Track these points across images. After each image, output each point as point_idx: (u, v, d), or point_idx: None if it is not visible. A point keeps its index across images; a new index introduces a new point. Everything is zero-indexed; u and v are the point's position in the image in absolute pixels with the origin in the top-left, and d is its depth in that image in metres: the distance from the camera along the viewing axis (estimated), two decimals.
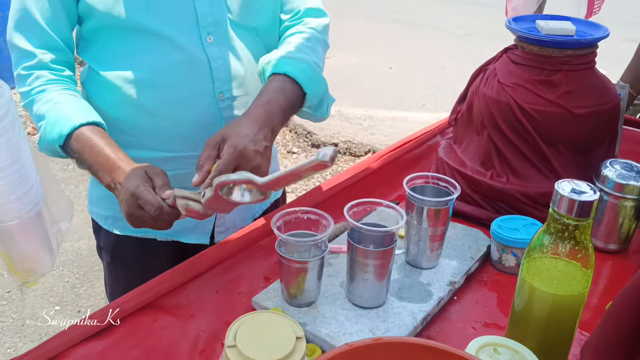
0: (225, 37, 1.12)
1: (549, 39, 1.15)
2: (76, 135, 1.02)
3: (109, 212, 1.24)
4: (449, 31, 7.12)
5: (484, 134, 1.24)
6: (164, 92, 1.09)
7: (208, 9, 1.09)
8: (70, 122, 1.02)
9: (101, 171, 1.00)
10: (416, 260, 1.04)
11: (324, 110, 1.18)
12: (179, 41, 1.07)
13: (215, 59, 1.10)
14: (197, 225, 1.23)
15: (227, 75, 1.12)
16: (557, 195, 0.72)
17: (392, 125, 4.30)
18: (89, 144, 1.01)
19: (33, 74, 1.07)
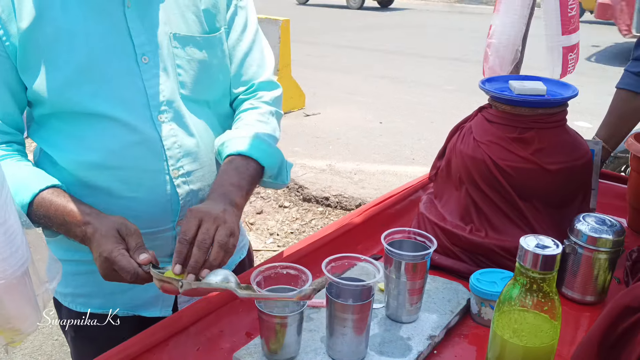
0: (177, 114, 1.13)
1: (520, 98, 1.20)
2: (38, 201, 1.01)
3: (68, 290, 1.22)
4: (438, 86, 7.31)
5: (462, 189, 1.28)
6: (118, 173, 1.09)
7: (157, 89, 1.10)
8: (30, 190, 1.02)
9: (72, 229, 1.00)
10: (396, 314, 1.05)
11: (284, 177, 1.22)
12: (130, 123, 1.08)
13: (167, 137, 1.11)
14: (158, 298, 1.22)
15: (180, 151, 1.13)
16: (522, 250, 0.75)
17: (382, 179, 4.36)
18: (53, 205, 1.01)
19: None
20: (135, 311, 1.22)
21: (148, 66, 1.09)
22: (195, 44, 1.14)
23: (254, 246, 3.50)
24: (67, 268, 1.16)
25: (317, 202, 4.07)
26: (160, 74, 1.10)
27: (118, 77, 1.07)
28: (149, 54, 1.09)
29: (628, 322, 0.58)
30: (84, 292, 1.21)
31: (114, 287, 1.14)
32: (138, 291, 1.19)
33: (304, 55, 8.66)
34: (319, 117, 6.06)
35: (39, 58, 1.04)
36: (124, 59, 1.08)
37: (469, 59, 8.58)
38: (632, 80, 1.69)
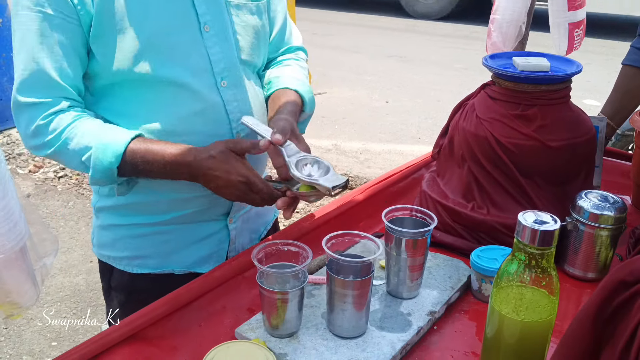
0: (236, 79, 1.19)
1: (523, 75, 1.19)
2: (131, 150, 1.06)
3: (126, 253, 1.26)
4: (446, 65, 7.24)
5: (464, 167, 1.28)
6: (185, 139, 1.12)
7: (219, 56, 1.16)
8: (121, 141, 1.06)
9: (175, 167, 1.07)
10: (397, 290, 1.06)
11: (304, 127, 1.35)
12: (197, 90, 1.13)
13: (230, 102, 1.18)
14: (213, 254, 1.29)
15: (241, 115, 1.19)
16: (520, 226, 0.75)
17: (388, 158, 4.36)
18: (149, 151, 1.07)
19: (56, 117, 1.07)
20: (191, 268, 1.28)
21: (209, 34, 1.15)
22: (248, 10, 1.22)
23: None
24: (125, 232, 1.25)
25: None
26: (220, 41, 1.16)
27: (184, 45, 1.12)
28: (210, 22, 1.15)
29: (623, 296, 0.59)
30: (141, 254, 1.26)
31: (172, 248, 1.25)
32: (195, 249, 1.26)
33: (311, 35, 8.59)
34: (325, 96, 6.03)
35: (112, 26, 1.07)
36: (189, 28, 1.13)
37: (477, 36, 8.49)
38: (638, 57, 1.67)
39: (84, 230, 3.44)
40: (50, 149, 1.09)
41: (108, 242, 1.28)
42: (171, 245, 1.24)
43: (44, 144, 1.09)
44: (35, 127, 1.07)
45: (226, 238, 1.30)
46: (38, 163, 4.23)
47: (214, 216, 1.25)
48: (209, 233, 1.27)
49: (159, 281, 1.26)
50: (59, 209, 3.67)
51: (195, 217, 1.22)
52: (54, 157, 1.11)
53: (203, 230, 1.26)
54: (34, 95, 1.07)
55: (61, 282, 2.95)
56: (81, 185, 3.98)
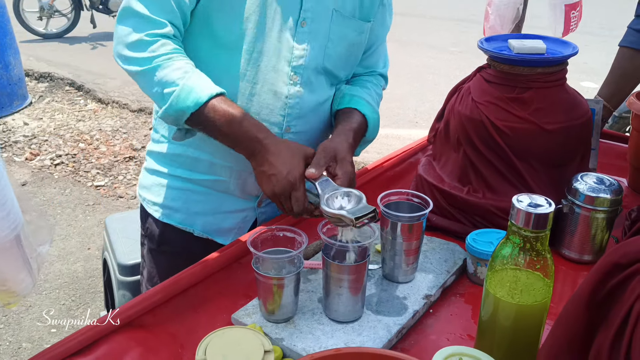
0: (309, 79, 1.21)
1: (518, 57, 1.18)
2: (211, 104, 1.08)
3: (159, 199, 1.31)
4: (443, 48, 7.21)
5: (460, 150, 1.27)
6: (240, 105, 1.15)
7: (304, 52, 1.19)
8: (206, 91, 1.08)
9: (242, 143, 1.09)
10: (392, 274, 1.06)
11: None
12: (269, 71, 1.17)
13: (292, 97, 1.20)
14: (234, 229, 1.32)
15: (299, 112, 1.22)
16: (514, 209, 0.75)
17: (385, 142, 4.35)
18: (227, 114, 1.08)
19: (159, 41, 1.09)
20: (210, 234, 1.31)
21: (304, 30, 1.18)
22: (351, 25, 1.24)
23: None
24: (162, 179, 1.30)
25: None
26: (310, 40, 1.19)
27: (277, 29, 1.16)
28: (309, 20, 1.18)
29: (616, 279, 0.59)
30: (171, 205, 1.30)
31: (198, 209, 1.29)
32: (219, 218, 1.30)
33: None
34: None
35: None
36: (288, 17, 1.16)
37: (475, 19, 8.43)
38: (635, 38, 1.66)
39: (81, 217, 3.44)
40: (136, 66, 1.10)
41: (147, 185, 1.34)
42: (198, 206, 1.28)
43: (135, 59, 1.10)
44: (138, 39, 1.09)
45: (252, 219, 1.33)
46: (34, 151, 4.22)
47: (244, 194, 1.28)
48: (236, 208, 1.30)
49: (181, 237, 1.31)
50: (55, 196, 3.66)
51: (228, 187, 1.26)
52: (134, 75, 1.12)
53: (231, 204, 1.29)
54: (146, 6, 1.09)
55: (59, 269, 2.96)
56: (77, 172, 3.97)
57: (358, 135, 1.23)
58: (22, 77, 5.03)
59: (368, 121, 1.26)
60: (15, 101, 4.90)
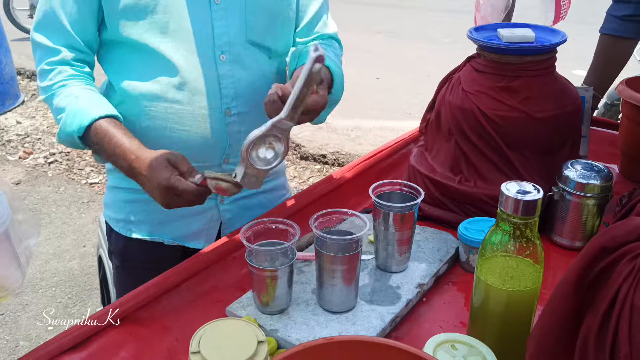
0: (238, 56, 1.18)
1: (507, 46, 1.19)
2: (95, 127, 1.08)
3: (121, 216, 1.30)
4: (435, 40, 7.20)
5: (451, 140, 1.28)
6: (175, 106, 1.15)
7: (224, 29, 1.15)
8: (89, 115, 1.08)
9: (120, 160, 1.07)
10: (386, 264, 1.07)
11: (325, 116, 1.25)
12: (193, 58, 1.14)
13: (225, 77, 1.17)
14: (202, 231, 1.30)
15: (235, 92, 1.18)
16: (503, 196, 0.76)
17: (379, 135, 4.35)
18: (107, 135, 1.08)
19: (56, 69, 1.13)
20: (180, 241, 1.30)
21: (219, 7, 1.15)
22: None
23: None
24: (124, 195, 1.29)
25: (315, 160, 4.08)
26: (228, 16, 1.15)
27: (191, 13, 1.13)
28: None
29: (604, 262, 0.59)
30: (135, 219, 1.29)
31: (162, 217, 1.27)
32: (185, 223, 1.28)
33: None
34: None
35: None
36: None
37: (467, 10, 8.42)
38: (617, 25, 1.66)
39: (76, 215, 3.44)
40: (44, 94, 1.16)
41: (109, 203, 1.34)
42: (162, 215, 1.25)
43: (41, 88, 1.16)
44: (41, 69, 1.15)
45: (217, 218, 1.30)
46: (28, 149, 4.20)
47: None
48: (199, 210, 1.27)
49: (151, 249, 1.29)
50: (50, 194, 3.66)
51: None
52: (46, 103, 1.16)
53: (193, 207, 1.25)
54: (45, 35, 1.14)
55: (55, 267, 2.96)
56: (72, 170, 3.96)
57: None
58: (14, 75, 4.99)
59: (333, 74, 1.14)
60: (7, 100, 4.87)
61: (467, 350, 0.77)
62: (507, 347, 0.81)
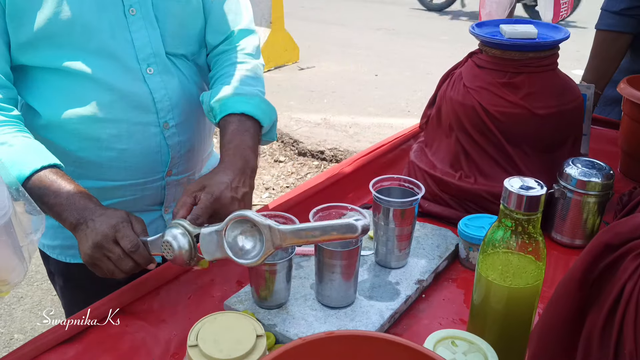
0: (165, 66, 1.12)
1: (510, 42, 1.18)
2: (37, 178, 0.96)
3: (56, 242, 1.22)
4: (434, 37, 7.20)
5: (452, 136, 1.27)
6: (108, 125, 1.08)
7: (145, 41, 1.09)
8: (30, 165, 0.97)
9: (67, 212, 0.96)
10: (385, 260, 1.06)
11: (273, 134, 1.22)
12: (119, 76, 1.07)
13: (157, 90, 1.11)
14: None
15: (170, 103, 1.13)
16: (506, 192, 0.75)
17: (377, 132, 4.35)
18: (54, 186, 0.96)
19: None
20: None
21: (135, 18, 1.08)
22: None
23: None
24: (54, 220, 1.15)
25: (313, 156, 4.07)
26: (147, 25, 1.09)
27: (107, 29, 1.05)
28: (136, 5, 1.07)
29: (608, 259, 0.59)
30: (73, 243, 1.17)
31: None
32: None
33: (298, 7, 8.48)
34: (314, 70, 5.98)
35: (28, 6, 1.00)
36: (113, 10, 1.06)
37: (467, 8, 8.42)
38: (613, 20, 1.65)
39: None
40: None
41: None
42: None
43: None
44: None
45: (163, 229, 1.22)
46: None
47: (146, 206, 1.20)
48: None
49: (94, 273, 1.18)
50: None
51: (126, 206, 1.13)
52: None
53: None
54: None
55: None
56: None
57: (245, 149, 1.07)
58: None
59: (253, 115, 1.12)
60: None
61: (467, 346, 0.76)
62: (508, 344, 0.81)
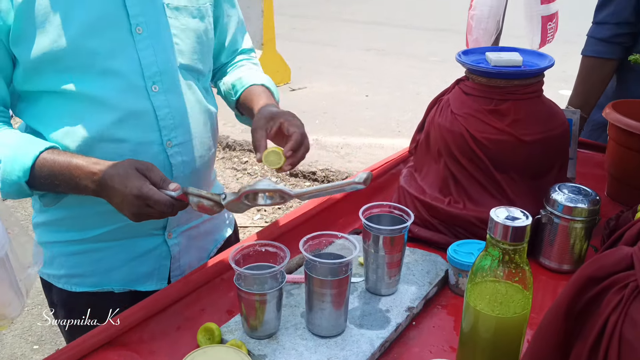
0: (171, 84, 1.14)
1: (495, 70, 1.20)
2: (40, 163, 1.01)
3: (63, 271, 1.22)
4: (424, 58, 7.28)
5: (441, 162, 1.29)
6: (112, 145, 1.09)
7: (152, 59, 1.11)
8: (30, 154, 1.01)
9: (82, 182, 1.01)
10: (375, 287, 1.07)
11: None
12: (124, 94, 1.08)
13: (160, 108, 1.12)
14: (153, 272, 1.24)
15: (173, 122, 1.14)
16: (492, 222, 0.76)
17: (368, 152, 4.37)
18: (57, 163, 1.01)
19: None
20: (131, 286, 1.23)
21: (142, 37, 1.10)
22: (188, 12, 1.18)
23: (241, 223, 3.51)
24: (60, 249, 1.19)
25: (305, 177, 4.08)
26: (154, 44, 1.11)
27: (112, 49, 1.07)
28: (143, 24, 1.10)
29: (592, 292, 0.60)
30: (78, 272, 1.21)
31: (110, 265, 1.20)
32: (134, 265, 1.21)
33: (289, 29, 8.56)
34: (305, 91, 6.02)
35: (34, 30, 1.02)
36: (119, 30, 1.08)
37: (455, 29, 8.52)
38: (599, 47, 1.69)
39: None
40: None
41: (45, 260, 1.22)
42: (108, 262, 1.19)
43: None
44: None
45: (167, 255, 1.24)
46: None
47: (149, 230, 1.20)
48: (147, 249, 1.21)
49: (99, 300, 1.21)
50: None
51: (129, 231, 1.17)
52: None
53: (140, 246, 1.20)
54: None
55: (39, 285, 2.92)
56: None
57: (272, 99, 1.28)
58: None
59: (269, 88, 1.31)
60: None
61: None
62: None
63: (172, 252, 1.24)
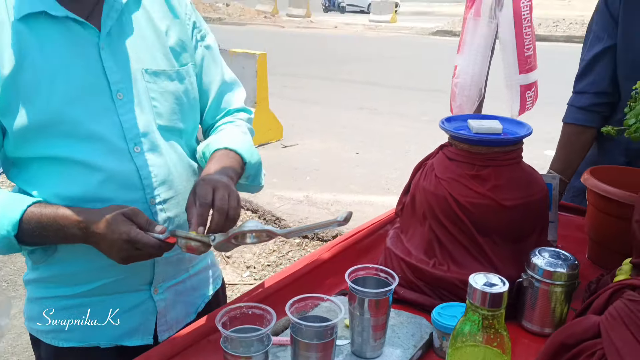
0: (152, 144, 1.19)
1: (476, 137, 1.26)
2: (27, 216, 1.07)
3: (49, 327, 1.24)
4: (416, 118, 7.43)
5: (426, 224, 1.32)
6: (98, 205, 1.12)
7: (132, 122, 1.16)
8: (17, 209, 1.07)
9: (70, 230, 1.06)
10: (361, 350, 1.08)
11: (259, 179, 1.34)
12: (107, 157, 1.14)
13: (143, 167, 1.17)
14: (139, 327, 1.25)
15: (156, 180, 1.19)
16: (471, 288, 0.79)
17: (358, 209, 4.40)
18: (44, 215, 1.07)
19: None
20: (117, 341, 1.25)
21: (123, 102, 1.16)
22: (167, 76, 1.23)
23: (230, 280, 3.50)
24: (49, 304, 1.22)
25: None
26: (134, 108, 1.17)
27: (95, 115, 1.13)
28: (123, 90, 1.16)
29: (564, 358, 0.62)
30: (66, 327, 1.23)
31: (96, 319, 1.21)
32: (120, 321, 1.23)
33: (281, 87, 8.76)
34: (297, 148, 6.12)
35: (18, 102, 1.08)
36: (100, 97, 1.14)
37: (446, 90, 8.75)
38: (579, 115, 1.76)
39: None
40: None
41: (35, 315, 1.26)
42: (94, 317, 1.21)
43: None
44: None
45: (153, 310, 1.27)
46: None
47: (136, 285, 1.24)
48: (134, 304, 1.24)
49: (86, 356, 1.24)
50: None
51: (116, 286, 1.21)
52: None
53: (127, 301, 1.23)
54: None
55: (27, 340, 2.87)
56: None
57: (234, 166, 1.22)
58: None
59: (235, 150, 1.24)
60: None
61: None
62: None
63: (158, 308, 1.27)
